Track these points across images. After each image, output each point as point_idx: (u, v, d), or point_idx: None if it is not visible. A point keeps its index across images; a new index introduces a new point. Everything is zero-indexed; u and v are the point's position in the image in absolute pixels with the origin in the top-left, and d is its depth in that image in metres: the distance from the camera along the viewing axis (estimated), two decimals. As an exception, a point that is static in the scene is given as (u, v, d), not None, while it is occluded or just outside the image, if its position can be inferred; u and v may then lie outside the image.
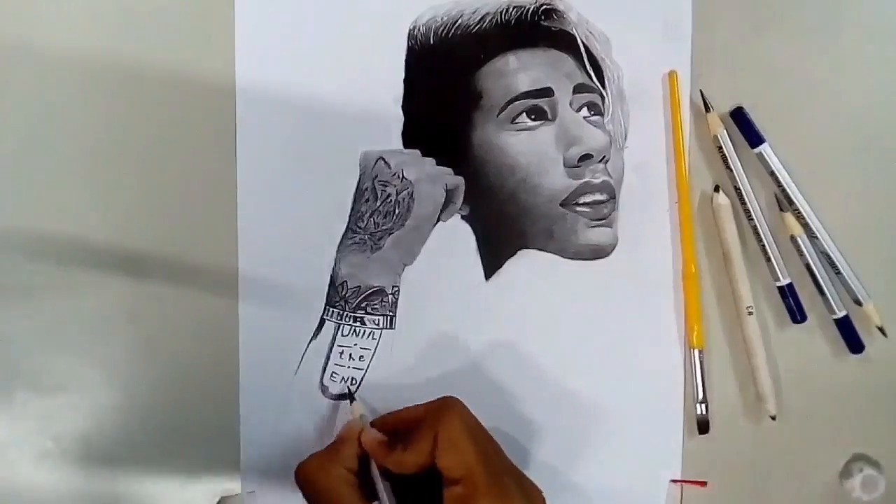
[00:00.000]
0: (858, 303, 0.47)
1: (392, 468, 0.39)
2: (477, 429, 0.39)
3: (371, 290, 0.45)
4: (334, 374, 0.45)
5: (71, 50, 0.43)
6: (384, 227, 0.45)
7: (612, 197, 0.46)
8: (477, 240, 0.46)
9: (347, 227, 0.45)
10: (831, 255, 0.47)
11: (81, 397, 0.43)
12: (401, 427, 0.41)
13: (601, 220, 0.46)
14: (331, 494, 0.38)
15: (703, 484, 0.48)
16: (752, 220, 0.47)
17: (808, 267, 0.47)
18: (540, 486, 0.40)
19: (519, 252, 0.47)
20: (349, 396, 0.44)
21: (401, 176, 0.45)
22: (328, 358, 0.45)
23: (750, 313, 0.47)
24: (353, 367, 0.45)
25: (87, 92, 0.43)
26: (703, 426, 0.47)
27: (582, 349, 0.47)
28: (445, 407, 0.39)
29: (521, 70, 0.45)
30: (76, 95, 0.43)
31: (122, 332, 0.44)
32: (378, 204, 0.45)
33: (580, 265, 0.47)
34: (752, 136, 0.46)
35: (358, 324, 0.45)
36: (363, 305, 0.45)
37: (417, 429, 0.39)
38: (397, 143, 0.45)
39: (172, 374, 0.44)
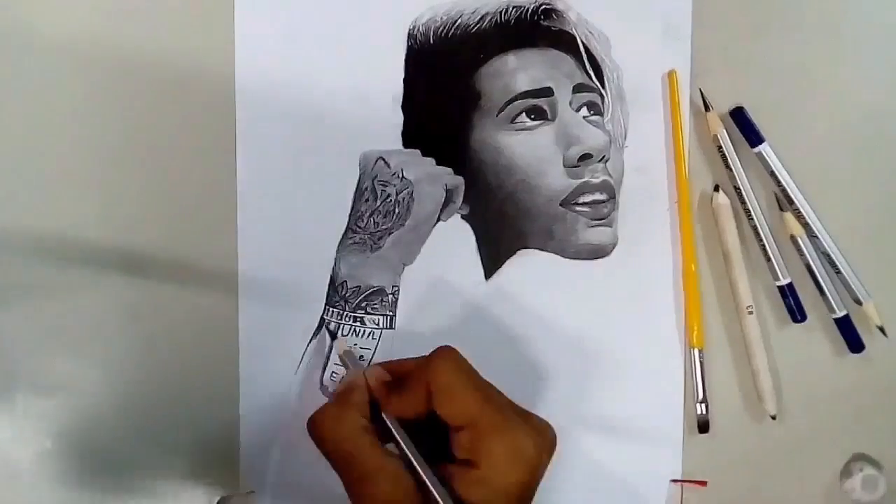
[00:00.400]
0: (858, 302, 0.47)
1: (391, 412, 0.39)
2: (472, 373, 0.39)
3: (371, 290, 0.45)
4: (334, 374, 0.45)
5: (70, 49, 0.43)
6: (384, 227, 0.45)
7: (612, 197, 0.47)
8: (477, 240, 0.46)
9: (347, 226, 0.45)
10: (831, 255, 0.47)
11: (81, 397, 0.43)
12: (395, 376, 0.40)
13: (601, 219, 0.46)
14: (348, 443, 0.37)
15: (704, 484, 0.48)
16: (752, 219, 0.47)
17: (808, 267, 0.47)
18: (540, 485, 0.39)
19: (519, 252, 0.47)
20: (331, 335, 0.44)
21: (401, 176, 0.45)
22: (328, 358, 0.45)
23: (750, 313, 0.47)
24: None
25: (87, 92, 0.43)
26: (703, 426, 0.47)
27: (582, 349, 0.47)
28: (438, 356, 0.39)
29: (520, 70, 0.45)
30: (76, 95, 0.43)
31: (122, 332, 0.43)
32: (378, 204, 0.45)
33: (580, 265, 0.47)
34: (752, 136, 0.46)
35: (358, 324, 0.45)
36: (363, 305, 0.45)
37: (411, 378, 0.39)
38: (397, 143, 0.45)
39: (172, 374, 0.44)
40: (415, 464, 0.37)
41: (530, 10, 0.46)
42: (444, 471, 0.37)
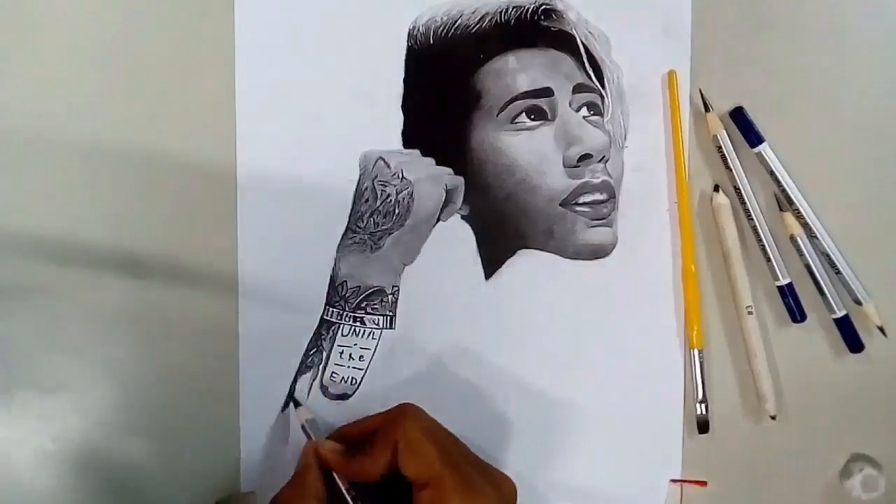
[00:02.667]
0: (858, 303, 0.47)
1: (354, 477, 0.40)
2: (436, 430, 0.40)
3: (371, 290, 0.45)
4: (334, 374, 0.45)
5: (70, 49, 0.43)
6: (384, 227, 0.45)
7: (612, 197, 0.47)
8: (477, 240, 0.46)
9: (347, 227, 0.45)
10: (831, 255, 0.47)
11: (81, 397, 0.43)
12: (359, 437, 0.41)
13: (601, 219, 0.46)
14: None
15: (704, 484, 0.48)
16: (752, 220, 0.47)
17: (808, 267, 0.47)
18: (540, 485, 0.40)
19: (519, 252, 0.47)
20: (294, 402, 0.44)
21: (400, 176, 0.45)
22: (328, 358, 0.45)
23: (750, 313, 0.47)
24: (353, 367, 0.45)
25: (87, 91, 0.43)
26: (703, 426, 0.47)
27: (582, 349, 0.47)
28: (402, 413, 0.40)
29: (520, 70, 0.45)
30: (76, 95, 0.43)
31: (122, 332, 0.43)
32: (378, 204, 0.45)
33: (580, 265, 0.47)
34: (752, 136, 0.46)
35: (358, 324, 0.45)
36: (363, 305, 0.45)
37: (377, 437, 0.39)
38: (397, 143, 0.45)
39: (172, 374, 0.44)
40: None
41: (530, 10, 0.46)
42: None
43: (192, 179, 0.44)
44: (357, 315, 0.45)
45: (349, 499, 0.39)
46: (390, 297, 0.45)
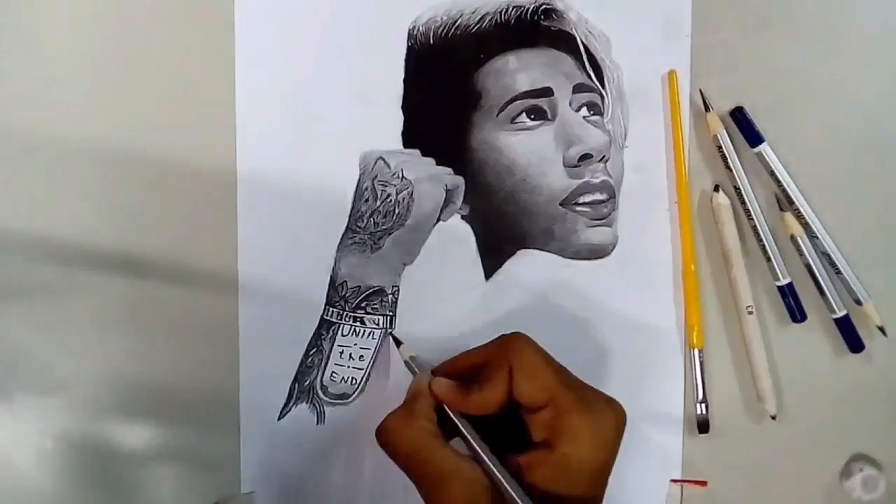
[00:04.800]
0: (858, 302, 0.47)
1: (472, 411, 0.39)
2: (548, 355, 0.39)
3: (371, 290, 0.45)
4: (334, 374, 0.45)
5: (70, 49, 0.43)
6: (384, 227, 0.45)
7: (612, 196, 0.47)
8: (477, 240, 0.46)
9: (347, 226, 0.45)
10: (831, 255, 0.47)
11: (81, 397, 0.43)
12: (465, 372, 0.40)
13: (601, 219, 0.46)
14: (418, 450, 0.38)
15: (704, 484, 0.48)
16: (752, 219, 0.47)
17: (808, 267, 0.47)
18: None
19: (519, 252, 0.47)
20: (395, 341, 0.44)
21: (401, 176, 0.45)
22: (328, 358, 0.45)
23: (750, 313, 0.47)
24: (353, 367, 0.45)
25: (87, 92, 0.43)
26: (703, 426, 0.47)
27: (582, 349, 0.47)
28: (514, 340, 0.39)
29: (520, 70, 0.45)
30: (76, 95, 0.43)
31: (122, 332, 0.44)
32: (378, 204, 0.45)
33: (580, 265, 0.47)
34: (752, 136, 0.46)
35: (358, 324, 0.45)
36: (363, 305, 0.45)
37: (488, 367, 0.39)
38: (397, 143, 0.45)
39: (172, 374, 0.44)
40: (486, 461, 0.37)
41: (530, 10, 0.46)
42: (519, 461, 0.37)
43: (192, 179, 0.44)
44: (357, 315, 0.45)
45: (465, 431, 0.39)
46: (390, 297, 0.45)
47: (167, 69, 0.43)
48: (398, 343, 0.44)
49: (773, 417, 0.48)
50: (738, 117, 0.46)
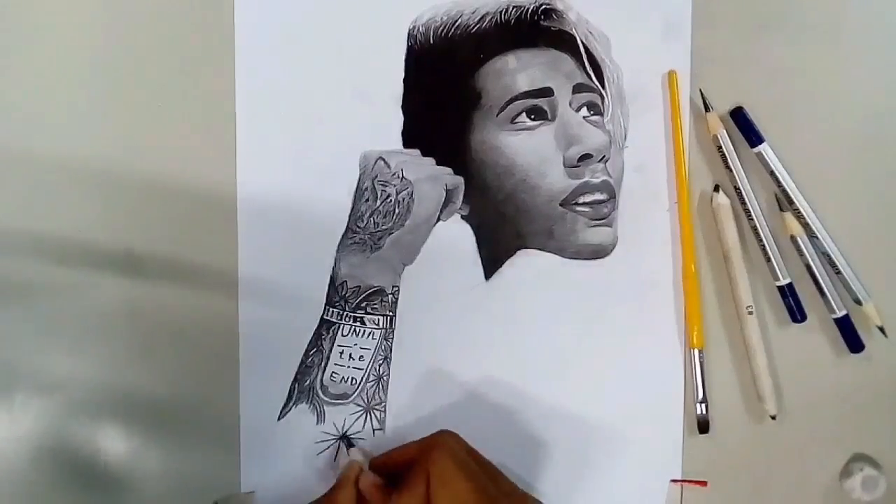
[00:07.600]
0: (858, 302, 0.47)
1: None
2: (468, 461, 0.39)
3: (371, 290, 0.45)
4: (334, 374, 0.45)
5: (71, 49, 0.43)
6: (384, 227, 0.45)
7: (612, 197, 0.47)
8: (477, 240, 0.46)
9: (347, 226, 0.45)
10: (831, 255, 0.47)
11: (81, 397, 0.43)
12: (395, 469, 0.41)
13: (601, 219, 0.46)
14: None
15: (704, 484, 0.48)
16: (752, 220, 0.47)
17: (808, 267, 0.47)
18: (542, 485, 0.40)
19: (519, 252, 0.47)
20: (347, 442, 0.45)
21: (400, 176, 0.45)
22: (328, 358, 0.45)
23: (750, 313, 0.47)
24: (353, 367, 0.45)
25: (87, 91, 0.43)
26: (703, 426, 0.47)
27: (582, 349, 0.47)
28: (435, 445, 0.40)
29: (520, 70, 0.45)
30: (76, 94, 0.43)
31: (122, 332, 0.44)
32: (378, 204, 0.45)
33: (580, 265, 0.47)
34: (752, 136, 0.46)
35: (358, 324, 0.45)
36: (363, 305, 0.45)
37: (411, 471, 0.39)
38: (397, 143, 0.45)
39: (172, 374, 0.44)
40: None
41: (530, 10, 0.46)
42: None
43: (192, 179, 0.44)
44: (357, 315, 0.45)
45: None
46: (390, 297, 0.45)
47: (167, 69, 0.43)
48: (349, 446, 0.44)
49: (773, 417, 0.48)
50: (738, 117, 0.46)
